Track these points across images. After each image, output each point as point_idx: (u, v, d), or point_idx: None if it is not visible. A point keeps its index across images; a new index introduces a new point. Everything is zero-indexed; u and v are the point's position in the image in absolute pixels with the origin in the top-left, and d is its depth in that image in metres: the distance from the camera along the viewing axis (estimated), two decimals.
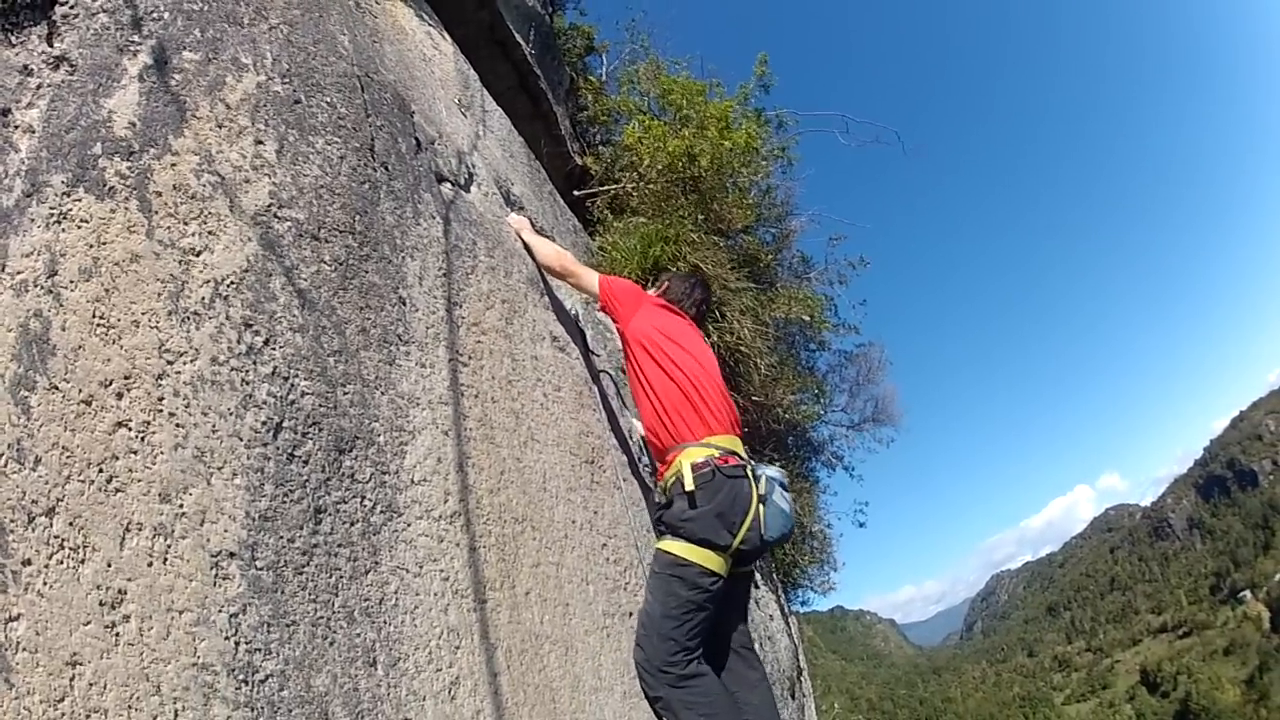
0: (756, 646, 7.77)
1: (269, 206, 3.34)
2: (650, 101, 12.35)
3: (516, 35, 8.74)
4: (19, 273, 2.41)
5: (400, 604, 3.31)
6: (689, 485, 4.70)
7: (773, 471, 4.89)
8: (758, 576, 9.87)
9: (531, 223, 5.81)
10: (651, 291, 5.76)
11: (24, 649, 2.05)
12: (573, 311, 6.00)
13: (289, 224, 3.41)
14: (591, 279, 5.65)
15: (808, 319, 12.22)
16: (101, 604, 2.26)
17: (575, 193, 10.52)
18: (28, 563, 2.13)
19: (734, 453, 4.87)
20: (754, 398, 11.13)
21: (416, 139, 4.58)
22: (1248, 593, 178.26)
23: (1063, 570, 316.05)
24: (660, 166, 10.37)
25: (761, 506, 4.70)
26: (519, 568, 4.16)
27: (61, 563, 2.21)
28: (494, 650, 3.74)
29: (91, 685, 2.16)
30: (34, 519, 2.19)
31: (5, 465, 2.18)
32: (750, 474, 4.80)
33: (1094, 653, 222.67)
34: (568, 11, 13.30)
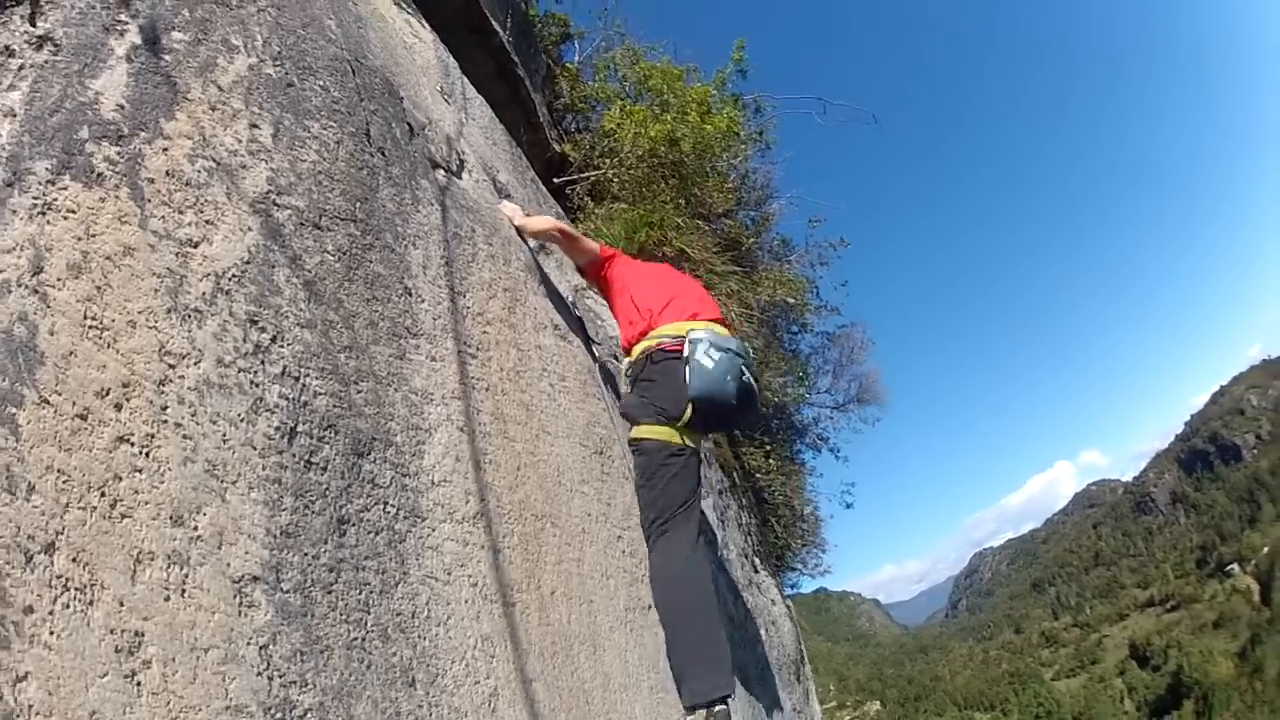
0: (763, 632, 8.13)
1: (268, 193, 2.99)
2: (629, 87, 11.98)
3: (493, 22, 8.35)
4: (1, 271, 2.02)
5: (433, 615, 3.02)
6: (624, 381, 5.21)
7: (699, 334, 4.83)
8: (757, 561, 9.93)
9: (521, 210, 5.54)
10: None
11: (37, 713, 1.70)
12: (569, 299, 5.78)
13: (289, 212, 3.06)
14: (590, 241, 5.68)
15: (792, 301, 11.99)
16: (118, 650, 1.91)
17: (555, 180, 10.09)
18: (30, 610, 1.78)
19: (679, 336, 4.87)
20: None
21: (409, 124, 4.25)
22: (1235, 566, 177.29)
23: (1046, 546, 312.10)
24: (641, 151, 10.07)
25: (687, 368, 4.72)
26: (543, 566, 3.91)
27: (68, 606, 1.85)
28: (527, 655, 3.48)
29: None
30: (32, 558, 1.82)
31: None
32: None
33: (1081, 628, 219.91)
34: None
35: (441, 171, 4.49)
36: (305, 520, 2.60)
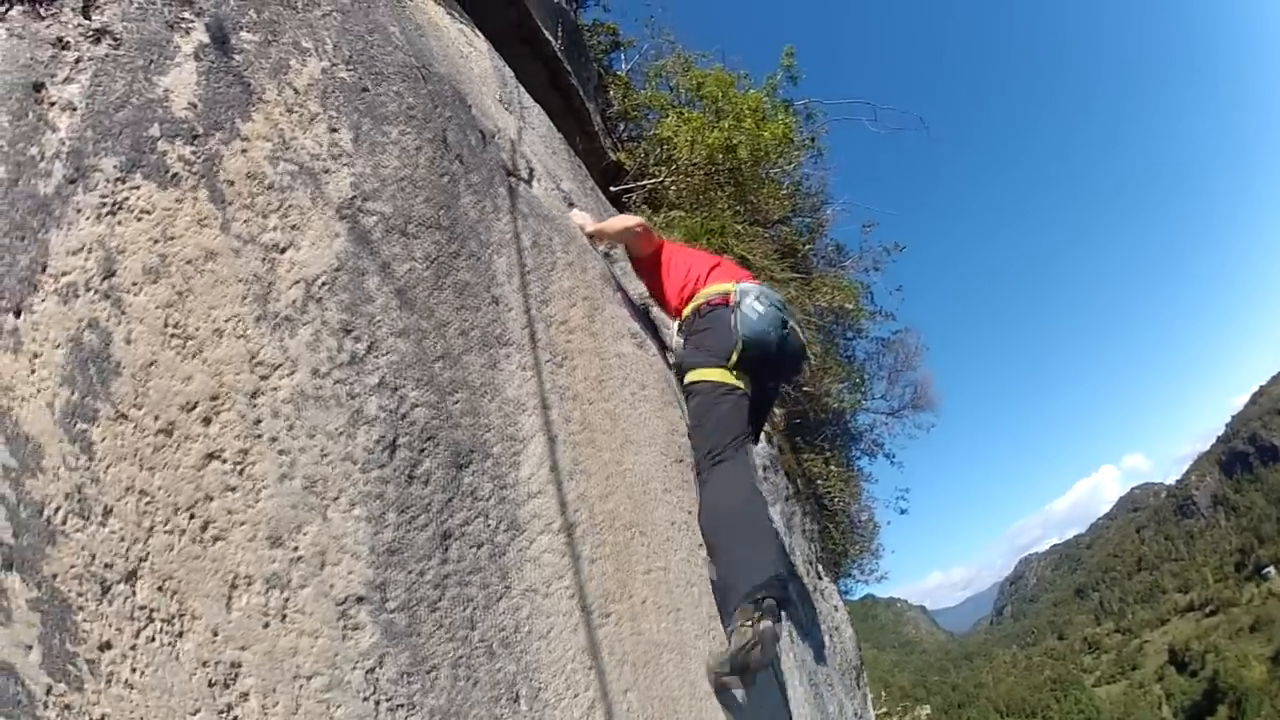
0: (826, 639, 8.22)
1: (353, 198, 2.70)
2: (681, 95, 11.70)
3: (545, 32, 8.11)
4: (65, 274, 1.75)
5: (534, 629, 2.77)
6: (678, 336, 5.19)
7: (748, 285, 5.06)
8: (820, 568, 9.85)
9: (591, 218, 5.42)
10: None
11: None
12: (641, 304, 5.58)
13: (376, 218, 2.78)
14: (657, 233, 5.79)
15: (850, 307, 11.65)
16: (211, 684, 1.63)
17: (611, 188, 9.72)
18: (107, 646, 1.49)
19: (725, 292, 5.04)
20: (805, 388, 10.62)
21: (481, 131, 3.97)
22: (1272, 569, 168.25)
23: (1090, 552, 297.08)
24: (698, 159, 9.77)
25: (736, 314, 4.88)
26: (633, 576, 3.63)
27: (153, 640, 1.57)
28: (622, 666, 3.21)
29: None
30: (110, 588, 1.53)
31: (64, 521, 1.52)
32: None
33: (1123, 634, 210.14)
34: (589, 8, 12.39)
35: (515, 179, 4.23)
36: (409, 536, 2.33)
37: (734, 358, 4.76)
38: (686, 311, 5.11)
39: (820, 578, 9.36)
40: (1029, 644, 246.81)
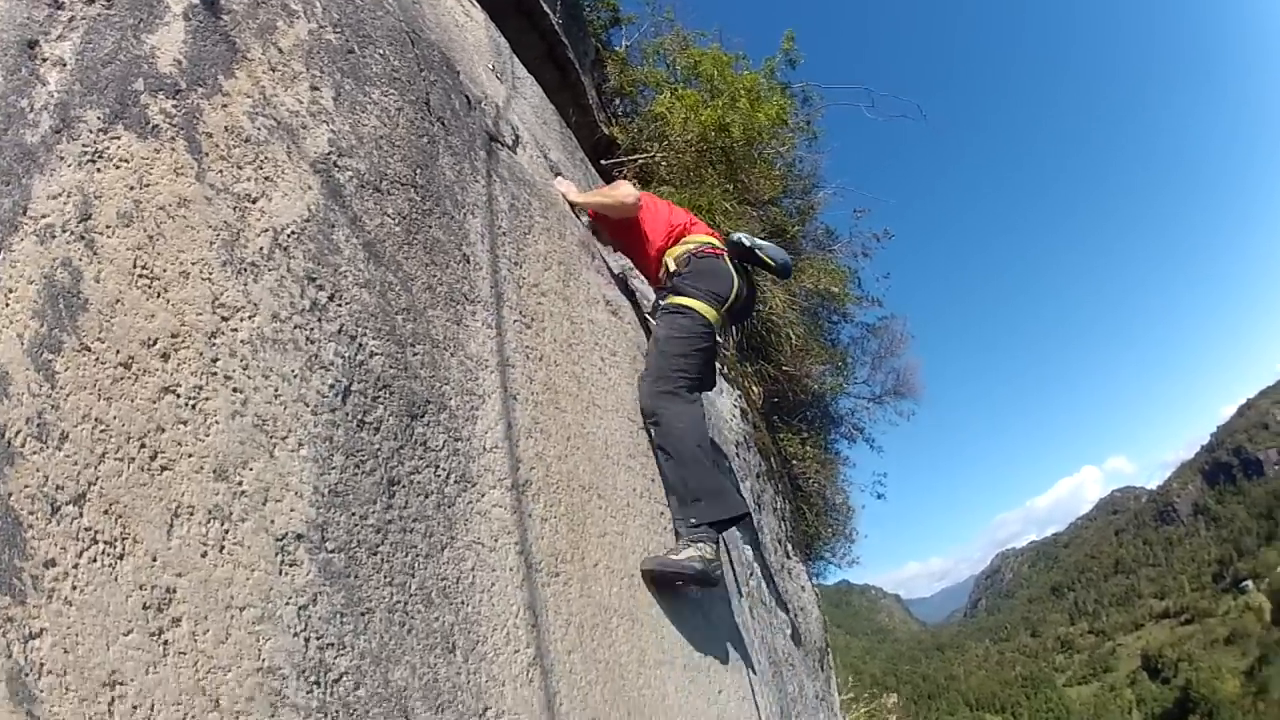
0: (792, 618, 8.25)
1: (329, 155, 2.81)
2: (677, 72, 11.78)
3: (544, 5, 8.17)
4: (44, 216, 1.85)
5: (477, 582, 2.82)
6: (674, 269, 5.24)
7: (740, 234, 5.51)
8: (789, 547, 9.91)
9: (575, 187, 5.51)
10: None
11: (50, 671, 1.50)
12: (619, 273, 5.65)
13: (350, 174, 2.89)
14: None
15: (835, 290, 11.71)
16: (145, 607, 1.72)
17: (602, 162, 9.81)
18: (51, 564, 1.58)
19: (710, 243, 5.38)
20: (785, 368, 10.68)
21: (466, 97, 4.08)
22: (1250, 583, 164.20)
23: (1068, 551, 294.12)
24: (691, 136, 9.83)
25: (754, 254, 5.39)
26: (587, 538, 3.72)
27: (94, 561, 1.66)
28: (567, 626, 3.29)
29: (136, 708, 1.62)
30: (59, 509, 1.63)
31: (23, 444, 1.62)
32: (726, 248, 5.41)
33: (1096, 635, 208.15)
34: None
35: (498, 144, 4.32)
36: (355, 480, 2.42)
37: (730, 302, 5.10)
38: (679, 251, 5.28)
39: (789, 557, 9.35)
40: (1002, 639, 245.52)
